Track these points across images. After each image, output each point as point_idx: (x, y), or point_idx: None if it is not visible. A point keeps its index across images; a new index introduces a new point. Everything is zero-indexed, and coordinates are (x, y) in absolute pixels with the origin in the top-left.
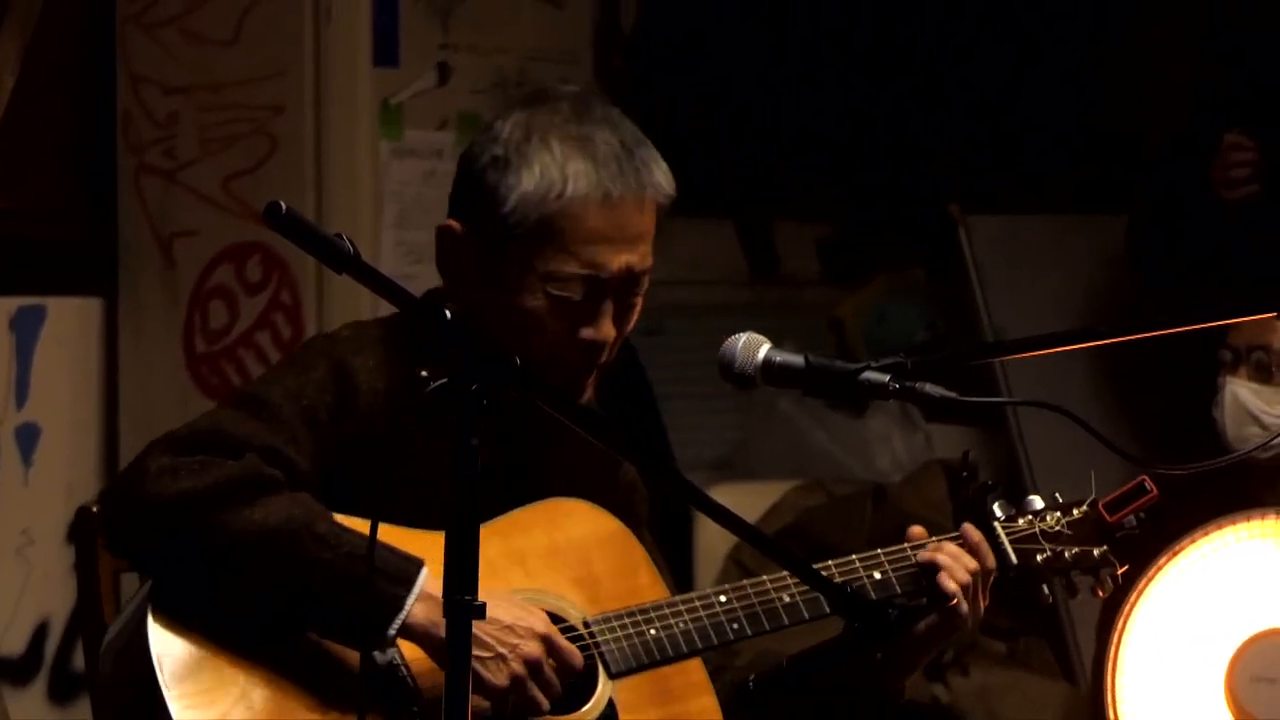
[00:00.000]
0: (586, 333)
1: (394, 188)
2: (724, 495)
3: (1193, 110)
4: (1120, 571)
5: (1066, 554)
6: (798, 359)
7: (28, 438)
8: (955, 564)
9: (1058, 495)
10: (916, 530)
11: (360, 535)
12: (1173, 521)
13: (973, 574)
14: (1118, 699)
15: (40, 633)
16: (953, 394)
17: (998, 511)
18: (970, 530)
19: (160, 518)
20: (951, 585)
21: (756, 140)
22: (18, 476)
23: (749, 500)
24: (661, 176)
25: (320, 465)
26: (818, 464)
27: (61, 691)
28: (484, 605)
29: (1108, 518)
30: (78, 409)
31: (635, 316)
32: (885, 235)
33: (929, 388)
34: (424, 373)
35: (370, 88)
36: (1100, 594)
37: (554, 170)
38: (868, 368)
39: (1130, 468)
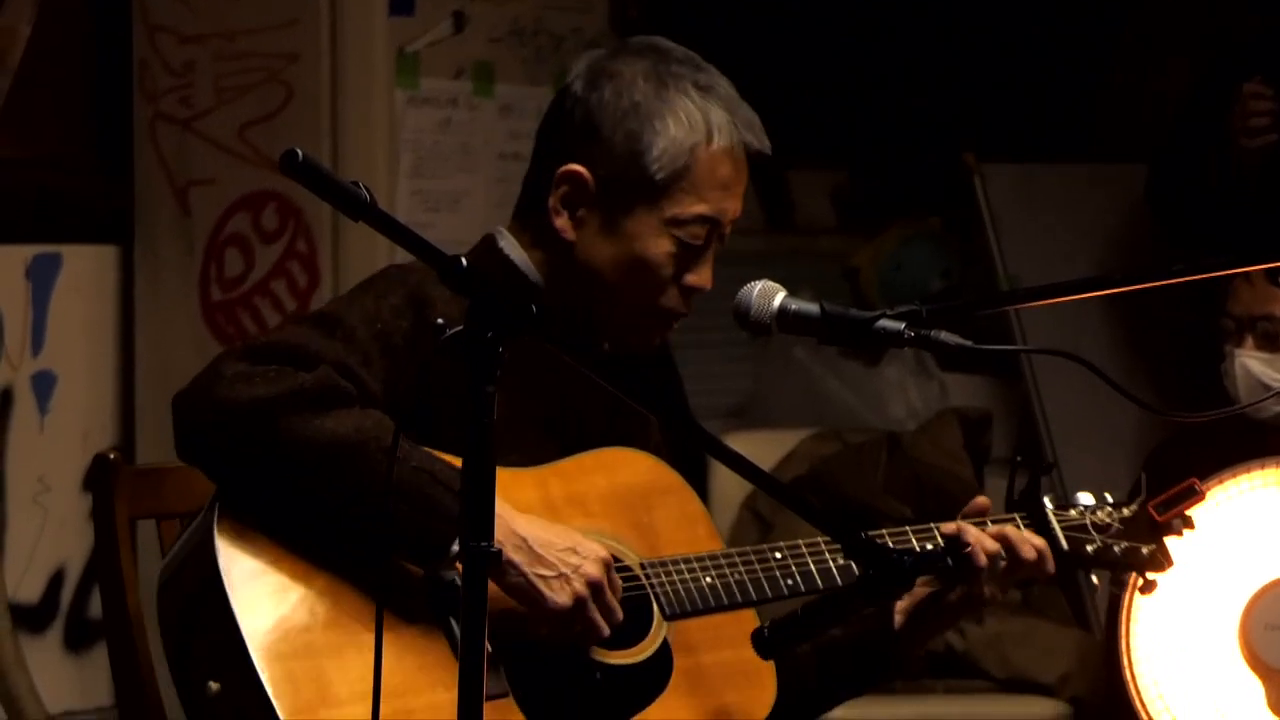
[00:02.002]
0: (692, 279)
1: (410, 136)
2: (739, 443)
3: (1212, 58)
4: (1168, 570)
5: (1116, 548)
6: (813, 307)
7: (44, 385)
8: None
9: (1107, 495)
10: (981, 501)
11: (428, 453)
12: (1188, 470)
13: (992, 556)
14: (1132, 647)
15: (56, 580)
16: (968, 342)
17: (1047, 502)
18: (1011, 532)
19: (233, 422)
20: (981, 559)
21: (771, 89)
22: (34, 424)
23: (764, 448)
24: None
25: (390, 390)
26: (832, 412)
27: (77, 639)
28: (499, 552)
29: (1157, 518)
30: (94, 357)
31: None
32: (901, 184)
33: (944, 336)
34: (439, 320)
35: (386, 36)
36: (1145, 594)
37: (699, 118)
38: (883, 316)
39: (1146, 414)
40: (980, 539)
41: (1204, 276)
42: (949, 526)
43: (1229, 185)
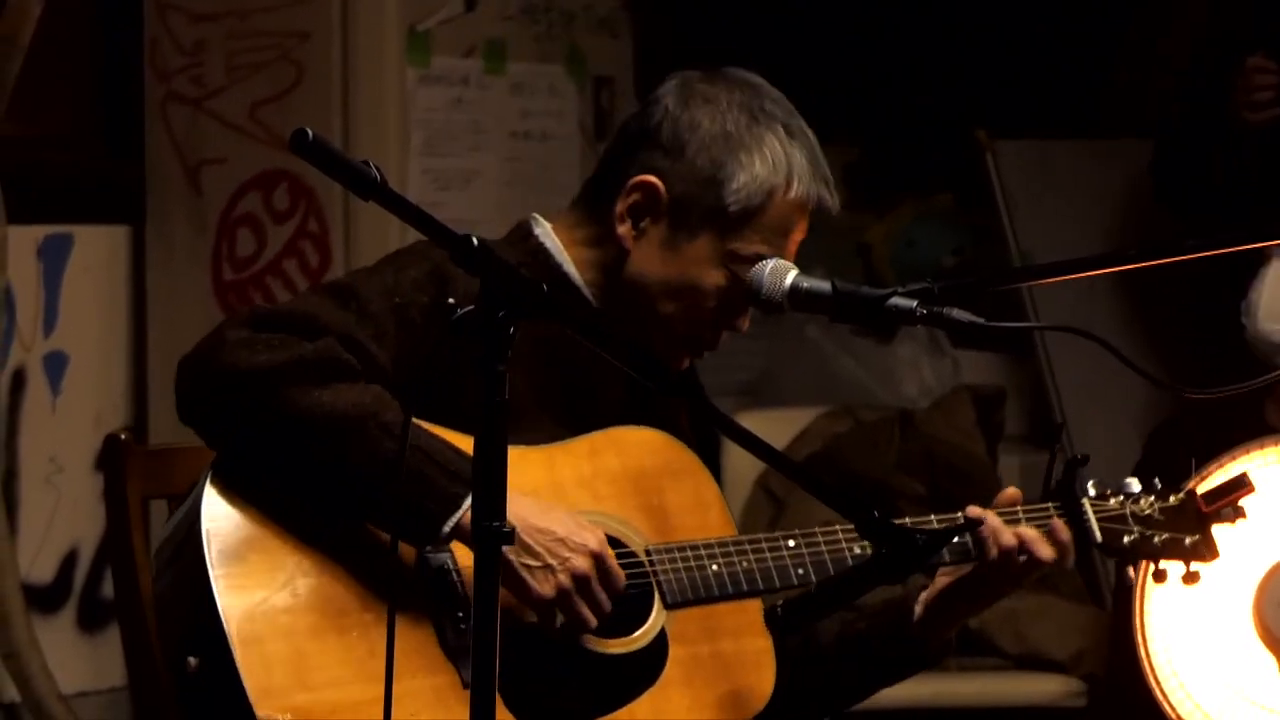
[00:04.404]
0: (737, 320)
1: (421, 115)
2: (751, 421)
3: (1214, 33)
4: (1211, 562)
5: (1156, 539)
6: (824, 285)
7: (56, 366)
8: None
9: (1157, 481)
10: (1011, 493)
11: (427, 431)
12: (1200, 446)
13: (1005, 550)
14: (1146, 624)
15: (69, 561)
16: (980, 319)
17: (1090, 489)
18: (1029, 534)
19: (231, 388)
20: (994, 552)
21: (783, 65)
22: (46, 405)
23: (776, 427)
24: None
25: (401, 364)
26: (845, 390)
27: (90, 619)
28: (513, 530)
29: (1204, 508)
30: (105, 337)
31: None
32: (913, 160)
33: (956, 313)
34: (451, 300)
35: (397, 14)
36: (1187, 585)
37: (784, 161)
38: (895, 293)
39: (1157, 391)
40: (997, 531)
41: (1217, 253)
42: (974, 510)
43: (1233, 178)
